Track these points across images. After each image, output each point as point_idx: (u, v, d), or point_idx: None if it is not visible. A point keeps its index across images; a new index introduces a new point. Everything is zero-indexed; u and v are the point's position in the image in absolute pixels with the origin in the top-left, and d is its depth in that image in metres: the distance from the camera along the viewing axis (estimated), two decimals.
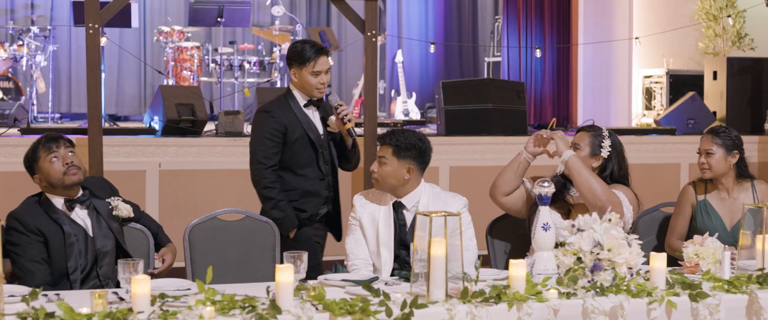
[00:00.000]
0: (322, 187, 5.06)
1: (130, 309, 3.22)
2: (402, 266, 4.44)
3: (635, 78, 11.27)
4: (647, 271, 3.86)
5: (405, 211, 4.53)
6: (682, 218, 5.03)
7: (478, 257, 4.39)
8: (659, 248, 5.09)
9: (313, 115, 5.07)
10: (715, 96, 9.78)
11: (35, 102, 10.32)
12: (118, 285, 3.74)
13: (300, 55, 4.98)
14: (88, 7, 6.13)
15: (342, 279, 3.99)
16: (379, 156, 4.52)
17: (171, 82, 10.91)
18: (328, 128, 5.11)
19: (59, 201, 4.33)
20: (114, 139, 7.41)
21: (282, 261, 3.67)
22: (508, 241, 4.97)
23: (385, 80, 12.79)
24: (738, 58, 9.94)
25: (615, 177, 4.66)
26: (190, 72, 10.96)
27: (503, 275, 3.96)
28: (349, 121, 5.00)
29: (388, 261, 4.46)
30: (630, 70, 11.32)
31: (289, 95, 5.06)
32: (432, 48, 11.50)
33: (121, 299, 3.55)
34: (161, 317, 3.22)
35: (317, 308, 3.38)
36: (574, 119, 11.76)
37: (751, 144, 8.83)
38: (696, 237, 4.25)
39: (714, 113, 9.66)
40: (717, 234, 4.35)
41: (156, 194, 7.44)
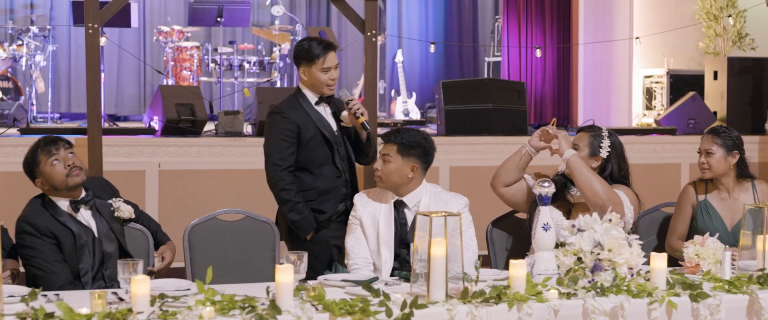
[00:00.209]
0: (339, 184, 4.99)
1: (129, 310, 3.21)
2: (402, 265, 4.43)
3: (636, 78, 11.26)
4: (648, 271, 3.85)
5: (406, 210, 4.52)
6: (682, 218, 5.03)
7: (478, 257, 4.38)
8: (660, 248, 5.09)
9: (325, 112, 5.02)
10: (716, 96, 9.77)
11: (34, 102, 10.30)
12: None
13: (308, 53, 4.95)
14: (87, 7, 6.12)
15: (342, 280, 3.99)
16: (383, 154, 4.51)
17: (171, 81, 10.89)
18: (341, 123, 5.05)
19: (64, 204, 4.31)
20: (113, 139, 7.40)
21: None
22: (508, 241, 4.96)
23: (385, 80, 12.78)
24: (738, 57, 9.92)
25: (615, 178, 4.65)
26: (189, 72, 10.95)
27: (503, 275, 3.96)
28: (362, 115, 4.94)
29: (388, 260, 4.46)
30: (630, 69, 11.30)
31: (300, 94, 5.01)
32: (432, 48, 11.48)
33: (121, 299, 3.55)
34: (161, 317, 3.21)
35: (317, 308, 3.37)
36: (574, 119, 11.74)
37: (752, 144, 8.83)
38: (696, 238, 4.24)
39: (714, 113, 9.65)
40: (717, 234, 4.34)
41: (156, 194, 7.43)
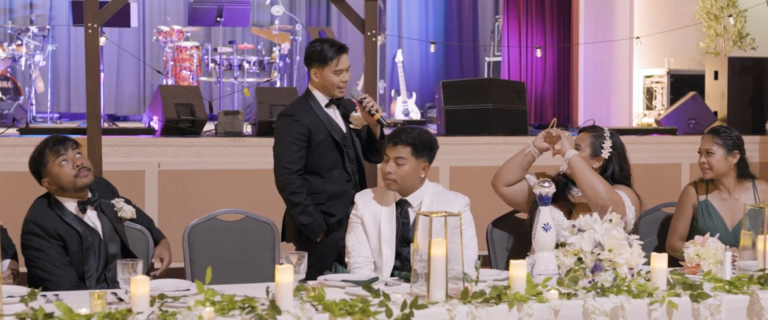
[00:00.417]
0: (349, 188, 4.96)
1: (129, 310, 3.20)
2: (404, 264, 4.42)
3: (636, 78, 11.25)
4: (648, 272, 3.85)
5: (409, 209, 4.50)
6: (683, 218, 5.02)
7: (478, 257, 4.37)
8: (660, 248, 5.08)
9: (335, 115, 5.01)
10: (716, 96, 9.76)
11: (34, 102, 10.29)
12: None
13: (321, 55, 4.94)
14: (87, 7, 6.11)
15: (342, 280, 3.98)
16: (396, 157, 4.40)
17: (170, 81, 10.89)
18: (351, 125, 5.03)
19: (71, 204, 4.28)
20: (113, 139, 7.40)
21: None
22: (508, 241, 4.96)
23: (385, 80, 12.76)
24: (739, 57, 9.92)
25: (616, 178, 4.64)
26: (189, 72, 10.94)
27: (504, 275, 3.95)
28: (378, 111, 4.92)
29: (389, 259, 4.44)
30: (631, 69, 11.30)
31: (310, 96, 4.99)
32: (432, 48, 11.48)
33: (121, 300, 3.54)
34: (160, 318, 3.21)
35: (317, 309, 3.37)
36: (574, 119, 11.73)
37: (752, 144, 8.83)
38: (697, 238, 4.23)
39: (715, 113, 9.65)
40: (718, 234, 4.33)
41: (155, 194, 7.42)
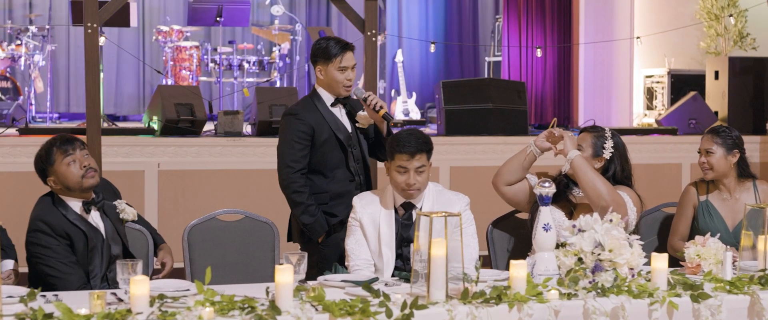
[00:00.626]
0: (352, 188, 4.94)
1: (128, 310, 3.20)
2: (405, 265, 4.41)
3: (636, 77, 11.25)
4: (649, 272, 3.84)
5: (413, 210, 4.48)
6: (684, 219, 5.01)
7: (478, 257, 4.37)
8: (661, 248, 5.07)
9: (340, 114, 4.98)
10: (717, 96, 9.76)
11: (33, 102, 10.29)
12: None
13: (325, 52, 4.91)
14: (86, 7, 6.11)
15: (342, 280, 3.98)
16: (418, 167, 4.37)
17: (170, 81, 10.88)
18: (356, 124, 5.01)
19: (76, 204, 4.26)
20: (113, 139, 7.40)
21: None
22: (508, 242, 4.95)
23: (385, 80, 12.76)
24: (740, 57, 9.92)
25: (618, 179, 4.64)
26: (189, 71, 10.94)
27: (504, 276, 3.95)
28: (382, 107, 4.89)
29: (390, 261, 4.43)
30: (631, 69, 11.30)
31: (315, 95, 4.97)
32: (432, 47, 11.47)
33: (120, 300, 3.53)
34: (160, 318, 3.20)
35: (317, 309, 3.36)
36: (575, 119, 11.73)
37: (753, 144, 8.82)
38: (697, 238, 4.23)
39: (715, 113, 9.65)
40: (719, 234, 4.33)
41: (155, 194, 7.42)
